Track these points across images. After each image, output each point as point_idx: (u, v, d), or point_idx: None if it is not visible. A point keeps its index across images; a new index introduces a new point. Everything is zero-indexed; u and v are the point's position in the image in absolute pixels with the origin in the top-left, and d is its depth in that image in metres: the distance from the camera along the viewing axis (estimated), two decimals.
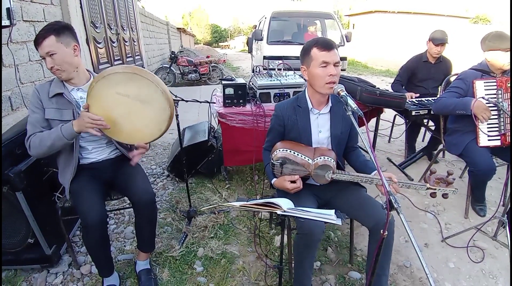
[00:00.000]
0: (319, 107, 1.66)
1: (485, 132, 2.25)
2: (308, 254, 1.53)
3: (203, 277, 1.90)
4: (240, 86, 2.61)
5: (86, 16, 4.08)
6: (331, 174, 1.56)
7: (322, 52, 1.50)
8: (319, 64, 1.50)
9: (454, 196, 2.79)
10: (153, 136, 1.69)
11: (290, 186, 1.54)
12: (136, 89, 1.55)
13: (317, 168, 1.56)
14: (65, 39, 1.58)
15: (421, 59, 3.29)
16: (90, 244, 1.61)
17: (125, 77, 1.53)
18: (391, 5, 15.42)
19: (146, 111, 1.60)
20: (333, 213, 1.12)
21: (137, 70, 1.53)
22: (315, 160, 1.56)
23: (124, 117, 1.61)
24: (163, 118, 1.63)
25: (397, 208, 1.04)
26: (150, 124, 1.65)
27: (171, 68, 8.74)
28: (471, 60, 2.80)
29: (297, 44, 6.07)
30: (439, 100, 2.44)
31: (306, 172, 1.57)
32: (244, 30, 59.84)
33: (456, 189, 1.53)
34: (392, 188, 1.45)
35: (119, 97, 1.56)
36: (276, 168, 1.59)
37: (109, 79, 1.52)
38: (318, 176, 1.58)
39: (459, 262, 2.06)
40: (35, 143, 1.55)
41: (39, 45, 1.54)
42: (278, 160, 1.56)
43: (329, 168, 1.56)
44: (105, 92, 1.54)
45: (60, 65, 1.57)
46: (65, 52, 1.58)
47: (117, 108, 1.59)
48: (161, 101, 1.59)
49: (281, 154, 1.58)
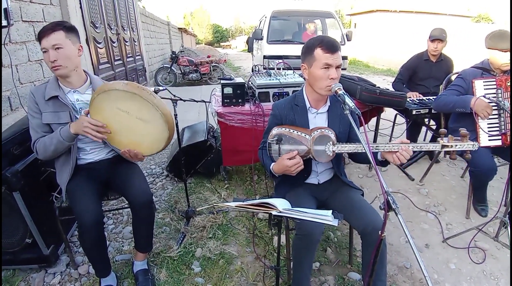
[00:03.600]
0: (317, 106, 1.64)
1: (486, 131, 2.23)
2: (307, 255, 1.51)
3: (201, 277, 1.89)
4: (239, 85, 2.60)
5: (86, 16, 4.09)
6: (332, 147, 1.50)
7: (326, 54, 1.45)
8: (321, 65, 1.46)
9: (455, 196, 2.78)
10: (151, 151, 1.70)
11: (290, 163, 1.46)
12: (136, 108, 1.55)
13: (316, 143, 1.50)
14: (73, 38, 1.61)
15: (422, 57, 3.27)
16: (86, 244, 1.60)
17: (125, 95, 1.52)
18: (393, 4, 15.38)
19: (146, 129, 1.60)
20: (329, 213, 1.10)
21: (137, 90, 1.51)
22: (312, 134, 1.52)
23: (123, 130, 1.62)
24: (162, 138, 1.63)
25: (395, 209, 1.03)
26: (149, 140, 1.65)
27: (172, 68, 8.74)
28: (473, 59, 2.78)
29: (297, 43, 6.04)
30: (440, 98, 2.43)
31: (305, 148, 1.51)
32: (246, 30, 59.87)
33: (476, 143, 1.37)
34: (404, 152, 1.40)
35: (119, 111, 1.56)
36: (273, 147, 1.54)
37: (110, 94, 1.51)
38: (319, 153, 1.51)
39: (460, 263, 2.04)
40: (40, 150, 1.58)
41: (46, 37, 1.53)
42: (274, 138, 1.52)
43: (328, 139, 1.50)
44: (106, 105, 1.55)
45: (63, 60, 1.57)
46: (71, 49, 1.59)
47: (118, 121, 1.59)
48: (160, 123, 1.58)
49: (276, 132, 1.55)
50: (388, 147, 1.43)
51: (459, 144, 1.37)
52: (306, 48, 1.54)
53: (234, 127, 2.56)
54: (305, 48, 1.56)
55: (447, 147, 1.39)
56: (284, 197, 1.46)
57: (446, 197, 2.78)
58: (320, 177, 1.73)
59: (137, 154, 1.65)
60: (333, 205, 1.66)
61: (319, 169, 1.71)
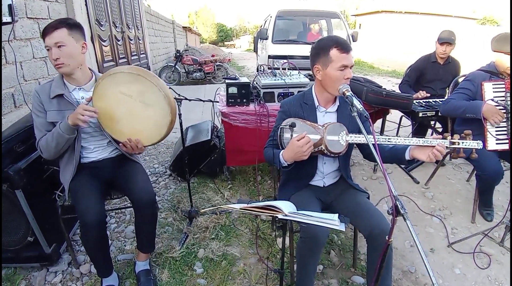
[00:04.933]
0: (326, 106, 1.62)
1: (494, 135, 2.20)
2: (312, 258, 1.49)
3: (203, 278, 1.87)
4: (243, 85, 2.58)
5: (91, 13, 4.08)
6: (346, 136, 1.47)
7: (342, 54, 1.44)
8: (338, 67, 1.44)
9: (461, 200, 2.75)
10: (152, 140, 1.68)
11: (301, 142, 1.39)
12: (139, 91, 1.55)
13: (329, 132, 1.47)
14: (76, 35, 1.59)
15: (429, 59, 3.23)
16: (88, 244, 1.59)
17: (129, 77, 1.53)
18: (398, 5, 15.26)
19: (148, 113, 1.59)
20: (336, 217, 1.08)
21: (141, 72, 1.53)
22: (325, 125, 1.50)
23: (125, 117, 1.61)
24: (164, 123, 1.62)
25: (404, 214, 1.00)
26: (151, 127, 1.64)
27: (176, 67, 8.74)
28: (478, 61, 2.75)
29: (302, 43, 6.01)
30: (448, 102, 2.39)
31: (318, 137, 1.47)
32: (250, 29, 59.82)
33: (480, 142, 1.39)
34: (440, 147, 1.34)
35: (122, 96, 1.57)
36: (285, 135, 1.50)
37: (114, 77, 1.53)
38: (333, 143, 1.48)
39: (465, 268, 2.01)
40: (43, 147, 1.58)
41: (49, 35, 1.51)
42: (287, 123, 1.48)
43: (341, 129, 1.48)
44: (110, 90, 1.55)
45: (66, 58, 1.55)
46: (74, 47, 1.57)
47: (119, 108, 1.59)
48: (163, 105, 1.58)
49: (289, 119, 1.53)
50: (424, 141, 1.38)
51: (465, 142, 1.39)
52: (319, 49, 1.51)
53: (238, 127, 2.54)
54: (317, 49, 1.52)
55: (454, 144, 1.39)
56: (288, 199, 1.44)
57: (451, 201, 2.74)
58: (326, 179, 1.70)
59: (138, 142, 1.63)
60: (338, 208, 1.63)
61: (325, 170, 1.68)
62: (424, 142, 1.39)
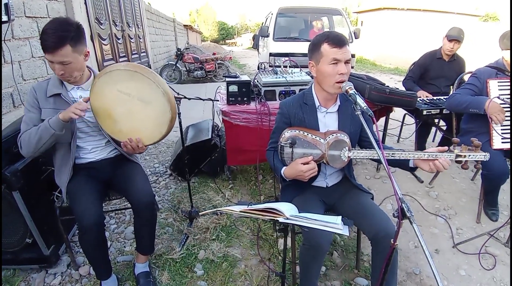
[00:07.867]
0: (327, 105, 1.58)
1: (500, 133, 2.15)
2: (315, 264, 1.46)
3: (204, 281, 1.84)
4: (244, 83, 2.54)
5: (91, 12, 4.05)
6: (347, 152, 1.44)
7: (333, 49, 1.40)
8: (329, 61, 1.41)
9: (465, 200, 2.70)
10: (153, 138, 1.64)
11: (305, 168, 1.38)
12: (137, 88, 1.51)
13: (331, 148, 1.44)
14: (80, 47, 1.51)
15: (435, 55, 3.18)
16: (86, 246, 1.56)
17: (126, 74, 1.49)
18: (400, 2, 15.16)
19: (147, 111, 1.56)
20: (339, 220, 1.04)
21: (138, 69, 1.49)
22: (327, 138, 1.45)
23: (124, 116, 1.57)
24: (164, 120, 1.58)
25: (410, 217, 0.97)
26: (151, 126, 1.60)
27: (177, 65, 8.69)
28: (481, 58, 2.70)
29: (304, 41, 5.97)
30: (453, 97, 2.35)
31: (320, 153, 1.45)
32: (251, 27, 59.70)
33: (487, 154, 1.38)
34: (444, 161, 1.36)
35: (120, 95, 1.53)
36: (286, 151, 1.47)
37: (111, 75, 1.49)
38: (334, 158, 1.45)
39: (470, 269, 1.98)
40: (24, 141, 1.51)
41: (52, 53, 1.42)
42: (287, 141, 1.45)
43: (344, 144, 1.44)
44: (107, 89, 1.51)
45: (70, 73, 1.53)
46: (78, 61, 1.53)
47: (118, 107, 1.55)
48: (162, 102, 1.54)
49: (289, 134, 1.48)
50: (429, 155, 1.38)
51: (472, 154, 1.37)
52: (313, 45, 1.49)
53: (239, 126, 2.51)
54: (312, 45, 1.50)
55: (460, 157, 1.37)
56: (290, 202, 1.40)
57: (456, 201, 2.70)
58: (329, 180, 1.67)
59: (139, 141, 1.60)
60: (342, 210, 1.59)
61: (328, 171, 1.65)
62: (429, 156, 1.37)
